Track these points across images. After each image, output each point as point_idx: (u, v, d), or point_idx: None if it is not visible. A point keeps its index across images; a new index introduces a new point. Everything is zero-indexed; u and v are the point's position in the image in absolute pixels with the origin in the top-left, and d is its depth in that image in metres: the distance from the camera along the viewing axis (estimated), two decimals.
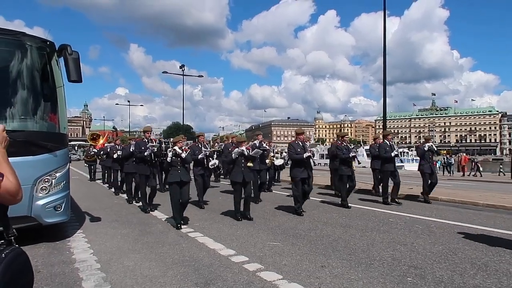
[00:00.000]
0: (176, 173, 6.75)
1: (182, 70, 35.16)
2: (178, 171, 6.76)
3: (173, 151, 6.74)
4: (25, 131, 5.30)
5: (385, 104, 14.84)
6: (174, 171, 6.79)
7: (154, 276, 4.19)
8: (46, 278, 4.12)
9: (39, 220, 5.37)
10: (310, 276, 4.14)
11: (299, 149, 7.93)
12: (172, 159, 6.73)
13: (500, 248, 5.20)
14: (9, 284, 1.49)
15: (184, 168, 6.85)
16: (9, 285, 1.48)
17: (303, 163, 7.91)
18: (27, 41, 5.51)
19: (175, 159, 6.75)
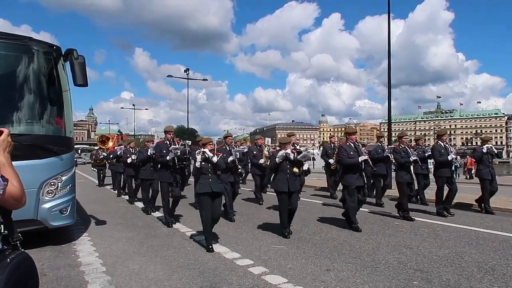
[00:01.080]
0: (207, 182, 5.52)
1: (187, 73, 35.32)
2: (209, 180, 5.55)
3: (202, 154, 5.54)
4: (31, 134, 5.34)
5: (390, 107, 14.78)
6: (204, 179, 5.55)
7: (159, 279, 4.20)
8: (52, 281, 4.14)
9: (45, 224, 5.40)
10: (315, 280, 4.12)
11: (352, 152, 6.83)
12: (202, 164, 5.53)
13: (508, 252, 5.15)
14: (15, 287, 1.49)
15: (216, 176, 5.66)
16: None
17: (357, 169, 6.82)
18: (33, 45, 5.56)
19: (204, 164, 5.56)
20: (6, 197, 1.53)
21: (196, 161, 5.51)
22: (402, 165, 7.89)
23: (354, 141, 7.04)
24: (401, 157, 7.86)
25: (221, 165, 5.73)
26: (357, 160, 6.73)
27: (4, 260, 1.52)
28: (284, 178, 6.15)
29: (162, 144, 7.50)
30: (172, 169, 7.24)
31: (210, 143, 5.75)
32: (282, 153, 6.15)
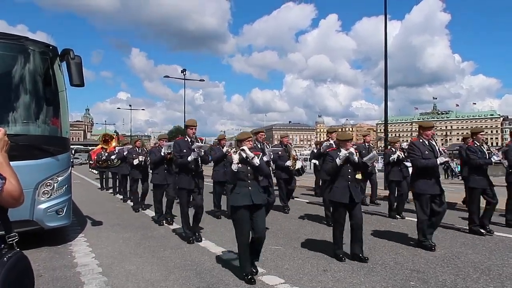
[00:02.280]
0: (245, 192, 4.20)
1: (184, 74, 35.22)
2: (248, 188, 4.23)
3: (240, 154, 4.25)
4: (27, 135, 5.32)
5: (386, 108, 14.82)
6: (242, 188, 4.23)
7: (156, 280, 4.18)
8: (47, 282, 4.12)
9: (41, 224, 5.38)
10: (312, 280, 4.12)
11: (426, 151, 5.47)
12: (239, 167, 4.21)
13: (503, 252, 5.18)
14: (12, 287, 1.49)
15: (257, 183, 4.37)
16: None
17: (433, 172, 5.46)
18: (30, 45, 5.54)
19: (242, 167, 4.24)
20: (4, 195, 1.53)
21: (232, 163, 4.18)
22: (478, 168, 6.44)
23: (430, 137, 5.67)
24: (478, 158, 6.37)
25: (265, 169, 4.54)
26: (434, 162, 5.42)
27: (1, 259, 1.52)
28: (345, 186, 4.91)
29: (182, 142, 5.97)
30: (194, 172, 5.88)
31: (249, 140, 4.41)
32: (344, 154, 4.83)
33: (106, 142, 15.30)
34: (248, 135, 4.49)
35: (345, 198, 4.86)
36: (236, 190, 4.25)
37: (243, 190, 4.22)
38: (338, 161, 4.85)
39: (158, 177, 7.67)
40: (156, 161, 7.54)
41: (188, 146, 5.87)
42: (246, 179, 4.26)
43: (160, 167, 7.63)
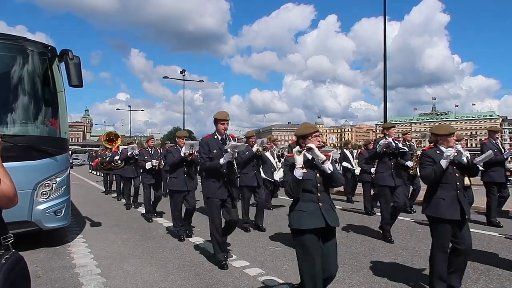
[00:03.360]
0: (314, 209, 3.12)
1: (183, 75, 35.26)
2: (318, 204, 3.13)
3: (305, 155, 3.15)
4: (25, 135, 5.31)
5: (385, 108, 14.85)
6: (309, 202, 3.14)
7: (155, 281, 4.17)
8: (46, 283, 4.11)
9: (39, 225, 5.37)
10: None
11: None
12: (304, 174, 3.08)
13: (503, 253, 5.18)
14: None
15: (328, 196, 3.25)
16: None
17: None
18: (28, 46, 5.53)
19: (309, 173, 3.14)
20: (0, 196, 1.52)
21: (296, 168, 3.03)
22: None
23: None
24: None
25: (340, 177, 3.25)
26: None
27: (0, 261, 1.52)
28: (453, 196, 3.66)
29: (211, 140, 4.81)
30: (226, 179, 4.72)
31: (316, 135, 3.24)
32: (451, 152, 3.60)
33: (110, 141, 13.75)
34: (313, 130, 3.25)
35: (456, 213, 3.61)
36: (301, 207, 3.12)
37: (310, 207, 3.10)
38: (443, 163, 3.60)
39: (177, 183, 6.24)
40: (174, 163, 6.22)
41: (219, 145, 4.73)
42: (315, 191, 3.12)
43: (179, 171, 6.23)
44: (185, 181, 6.21)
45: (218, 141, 4.78)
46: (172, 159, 6.28)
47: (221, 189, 4.67)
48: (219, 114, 4.83)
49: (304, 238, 3.06)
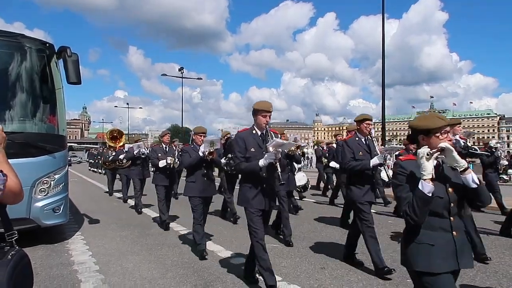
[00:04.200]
0: (446, 241, 2.09)
1: (181, 72, 35.21)
2: (452, 233, 2.11)
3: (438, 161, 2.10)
4: (24, 132, 5.30)
5: (384, 106, 14.89)
6: (439, 231, 2.11)
7: (153, 278, 4.18)
8: (44, 280, 4.11)
9: (37, 222, 5.36)
10: (310, 278, 4.13)
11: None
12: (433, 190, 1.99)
13: (499, 250, 5.20)
14: (16, 285, 1.52)
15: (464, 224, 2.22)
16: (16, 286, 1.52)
17: None
18: (26, 43, 5.51)
19: (439, 189, 2.06)
20: (6, 192, 1.54)
21: (422, 180, 1.99)
22: None
23: None
24: None
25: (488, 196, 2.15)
26: None
27: (6, 257, 1.55)
28: None
29: (248, 136, 3.83)
30: (266, 185, 3.74)
31: (447, 130, 2.17)
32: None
33: (114, 139, 12.81)
34: (444, 121, 2.17)
35: None
36: (426, 238, 2.11)
37: (441, 239, 2.09)
38: None
39: (196, 187, 5.20)
40: (191, 164, 5.25)
41: (259, 142, 3.79)
42: (446, 214, 2.11)
43: (198, 173, 5.25)
44: (204, 186, 5.21)
45: (257, 137, 3.81)
46: (189, 160, 5.25)
47: (258, 198, 3.70)
48: (260, 104, 3.83)
49: (438, 283, 2.06)
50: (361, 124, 4.55)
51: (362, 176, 4.40)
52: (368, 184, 4.41)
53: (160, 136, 7.85)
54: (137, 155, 8.77)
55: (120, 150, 11.04)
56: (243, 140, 3.79)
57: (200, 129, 5.53)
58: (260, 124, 3.80)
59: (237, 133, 4.07)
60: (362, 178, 4.40)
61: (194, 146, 5.37)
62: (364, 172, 4.36)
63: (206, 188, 5.24)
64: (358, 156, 4.37)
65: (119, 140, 12.74)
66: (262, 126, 3.80)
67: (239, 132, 4.05)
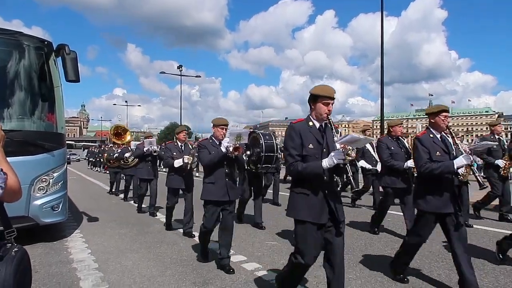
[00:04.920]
0: None
1: (180, 70, 35.13)
2: None
3: None
4: (22, 130, 5.29)
5: (382, 104, 14.86)
6: None
7: (152, 275, 4.19)
8: (43, 278, 4.11)
9: (36, 220, 5.36)
10: (308, 276, 4.12)
11: None
12: None
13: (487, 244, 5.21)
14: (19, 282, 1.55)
15: None
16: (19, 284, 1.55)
17: None
18: (24, 40, 5.50)
19: None
20: (7, 190, 1.55)
21: None
22: None
23: None
24: None
25: None
26: None
27: (9, 253, 1.58)
28: None
29: (305, 129, 3.02)
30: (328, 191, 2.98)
31: None
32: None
33: (118, 135, 11.79)
34: None
35: None
36: None
37: None
38: None
39: (215, 190, 4.38)
40: (212, 162, 4.38)
41: (318, 137, 2.98)
42: None
43: (218, 173, 4.41)
44: (226, 189, 4.37)
45: (315, 130, 2.99)
46: (209, 157, 4.40)
47: (318, 207, 2.89)
48: (321, 88, 3.00)
49: None
50: (437, 117, 3.71)
51: (441, 181, 3.63)
52: (449, 191, 3.61)
53: (176, 132, 6.72)
54: (147, 153, 8.09)
55: (126, 148, 10.39)
56: (298, 133, 2.94)
57: (221, 120, 4.63)
58: (320, 114, 2.95)
59: (291, 124, 3.10)
60: (442, 184, 3.62)
61: (213, 140, 4.53)
62: (444, 176, 3.62)
63: (228, 191, 4.38)
64: (435, 157, 3.61)
65: (123, 137, 11.87)
66: (322, 116, 2.95)
67: (292, 123, 3.10)
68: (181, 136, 6.47)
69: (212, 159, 4.38)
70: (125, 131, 12.20)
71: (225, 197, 4.36)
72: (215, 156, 4.37)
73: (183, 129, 6.68)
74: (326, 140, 2.98)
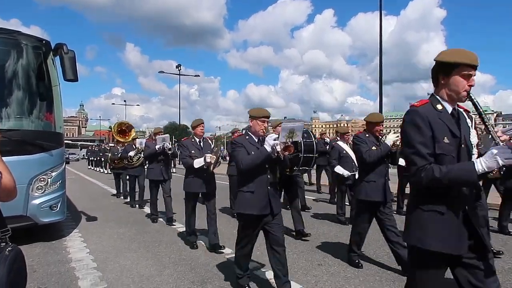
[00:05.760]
0: None
1: (179, 70, 35.14)
2: None
3: None
4: (20, 130, 5.29)
5: (381, 103, 14.89)
6: None
7: (151, 275, 4.19)
8: (42, 278, 4.11)
9: (34, 220, 5.36)
10: (307, 274, 4.15)
11: None
12: None
13: (496, 246, 5.22)
14: (13, 281, 1.54)
15: None
16: (12, 283, 1.54)
17: None
18: (22, 40, 5.50)
19: None
20: (1, 189, 1.55)
21: None
22: None
23: None
24: None
25: None
26: None
27: (3, 253, 1.57)
28: None
29: (432, 113, 2.05)
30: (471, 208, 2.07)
31: None
32: None
33: (122, 133, 10.55)
34: None
35: None
36: None
37: None
38: None
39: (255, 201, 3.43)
40: (255, 164, 3.37)
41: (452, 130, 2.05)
42: None
43: (259, 180, 3.45)
44: (268, 198, 3.44)
45: (447, 117, 2.08)
46: (249, 159, 3.38)
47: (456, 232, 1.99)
48: (458, 53, 2.03)
49: None
50: None
51: None
52: None
53: (192, 126, 5.61)
54: (159, 151, 6.97)
55: (130, 146, 9.34)
56: (427, 122, 2.01)
57: (262, 111, 3.66)
58: (458, 93, 2.07)
59: (413, 108, 2.09)
60: None
61: (250, 137, 3.62)
62: None
63: (271, 202, 3.45)
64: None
65: (128, 134, 10.59)
66: (461, 95, 2.07)
67: (414, 106, 2.10)
68: (199, 131, 5.45)
69: (254, 161, 3.34)
70: (130, 128, 10.88)
71: (266, 209, 3.42)
72: (258, 157, 3.34)
73: (200, 122, 5.51)
74: (462, 131, 2.07)
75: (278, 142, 3.26)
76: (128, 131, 10.62)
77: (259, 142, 3.56)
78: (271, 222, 3.45)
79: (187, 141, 5.43)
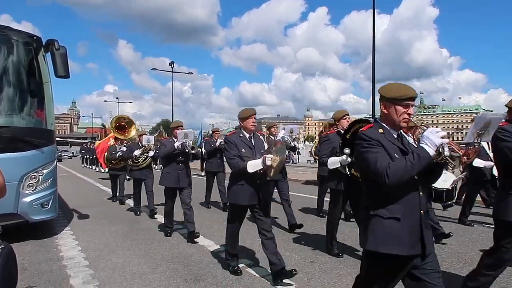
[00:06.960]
0: None
1: (172, 67, 34.92)
2: None
3: None
4: (11, 127, 5.24)
5: (374, 102, 14.96)
6: None
7: (143, 272, 4.18)
8: (33, 276, 4.08)
9: (25, 217, 5.32)
10: (300, 271, 4.15)
11: None
12: None
13: (485, 243, 5.28)
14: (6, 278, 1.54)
15: None
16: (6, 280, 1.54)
17: None
18: (13, 35, 5.43)
19: None
20: None
21: None
22: None
23: None
24: None
25: None
26: None
27: None
28: None
29: None
30: None
31: None
32: None
33: (121, 129, 9.49)
34: None
35: None
36: None
37: None
38: None
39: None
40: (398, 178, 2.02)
41: None
42: None
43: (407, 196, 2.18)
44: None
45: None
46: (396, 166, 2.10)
47: None
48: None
49: None
50: None
51: None
52: None
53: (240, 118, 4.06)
54: (178, 150, 5.59)
55: (135, 144, 8.18)
56: None
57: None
58: None
59: None
60: None
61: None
62: None
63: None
64: None
65: (127, 130, 9.48)
66: None
67: None
68: (250, 125, 3.99)
69: None
70: (131, 123, 9.63)
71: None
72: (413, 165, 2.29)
73: (251, 113, 4.02)
74: None
75: (447, 140, 2.07)
76: (128, 127, 9.52)
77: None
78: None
79: (233, 137, 4.04)
